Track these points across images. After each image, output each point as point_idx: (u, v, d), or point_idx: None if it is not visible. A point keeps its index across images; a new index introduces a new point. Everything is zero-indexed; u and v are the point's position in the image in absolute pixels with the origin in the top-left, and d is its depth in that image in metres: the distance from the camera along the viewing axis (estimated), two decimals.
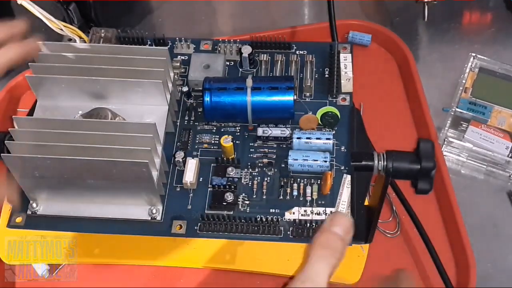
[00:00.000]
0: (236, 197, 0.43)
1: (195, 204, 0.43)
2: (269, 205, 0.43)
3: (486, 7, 0.73)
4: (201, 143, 0.46)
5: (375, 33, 0.69)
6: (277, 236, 0.43)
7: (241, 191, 0.44)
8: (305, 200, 0.44)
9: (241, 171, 0.44)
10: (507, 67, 0.64)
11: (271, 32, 0.70)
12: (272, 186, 0.44)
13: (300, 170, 0.43)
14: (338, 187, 0.42)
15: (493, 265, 0.56)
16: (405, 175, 0.39)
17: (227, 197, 0.42)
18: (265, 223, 0.40)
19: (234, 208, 0.42)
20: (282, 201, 0.44)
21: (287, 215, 0.43)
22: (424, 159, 0.37)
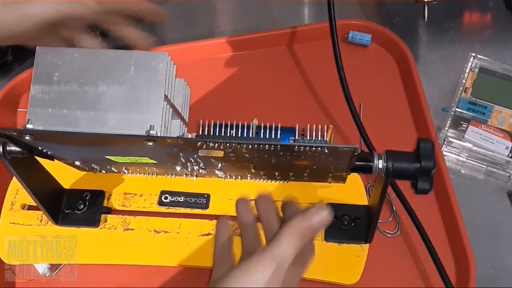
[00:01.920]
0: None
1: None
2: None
3: (486, 7, 0.73)
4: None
5: (375, 33, 0.69)
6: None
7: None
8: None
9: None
10: (507, 67, 0.63)
11: (271, 32, 0.70)
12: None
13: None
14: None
15: (493, 265, 0.56)
16: (405, 175, 0.39)
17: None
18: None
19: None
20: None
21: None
22: (424, 158, 0.37)
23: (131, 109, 0.39)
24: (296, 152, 0.37)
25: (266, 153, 0.37)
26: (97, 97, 0.40)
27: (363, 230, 0.54)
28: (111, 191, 0.58)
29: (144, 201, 0.57)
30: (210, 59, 0.70)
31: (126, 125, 0.39)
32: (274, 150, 0.36)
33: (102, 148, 0.41)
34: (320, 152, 0.36)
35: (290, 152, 0.37)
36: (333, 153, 0.37)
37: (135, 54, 0.41)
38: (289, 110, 0.65)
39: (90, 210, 0.56)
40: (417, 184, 0.38)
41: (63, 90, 0.40)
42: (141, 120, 0.38)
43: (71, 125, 0.39)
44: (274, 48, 0.70)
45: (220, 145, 0.37)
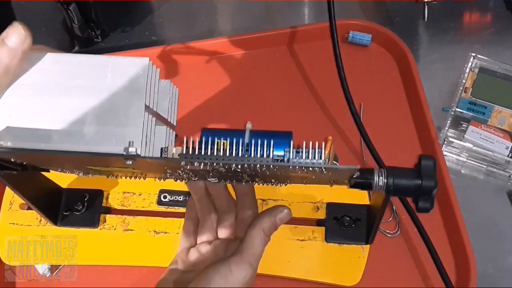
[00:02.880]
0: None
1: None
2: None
3: (486, 7, 0.73)
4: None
5: (375, 33, 0.69)
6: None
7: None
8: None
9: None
10: (507, 67, 0.63)
11: (271, 32, 0.70)
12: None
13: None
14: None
15: (493, 265, 0.56)
16: (406, 193, 0.38)
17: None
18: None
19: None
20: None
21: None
22: (425, 178, 0.36)
23: (108, 122, 0.35)
24: (291, 168, 0.35)
25: (259, 169, 0.36)
26: (71, 108, 0.35)
27: (363, 231, 0.54)
28: (110, 190, 0.58)
29: (143, 200, 0.57)
30: (210, 59, 0.70)
31: (103, 140, 0.34)
32: (267, 168, 0.35)
33: (80, 161, 0.38)
34: (318, 170, 0.35)
35: (285, 169, 0.36)
36: (332, 171, 0.36)
37: (112, 59, 0.37)
38: (289, 110, 0.65)
39: (89, 211, 0.56)
40: (418, 202, 0.37)
41: (34, 100, 0.35)
42: (120, 135, 0.34)
43: (43, 140, 0.34)
44: (274, 48, 0.70)
45: (206, 165, 0.35)
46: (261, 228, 0.42)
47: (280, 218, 0.43)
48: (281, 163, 0.36)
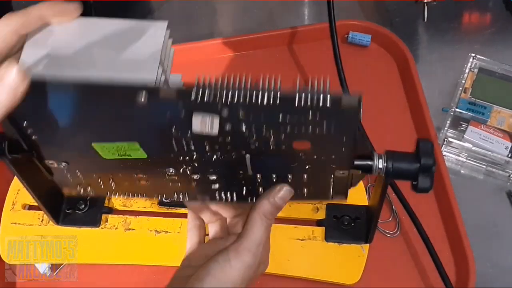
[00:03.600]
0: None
1: None
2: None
3: (485, 8, 0.74)
4: None
5: (375, 33, 0.69)
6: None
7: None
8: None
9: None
10: (506, 67, 0.64)
11: (271, 32, 0.70)
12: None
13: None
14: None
15: (493, 265, 0.56)
16: (405, 175, 0.39)
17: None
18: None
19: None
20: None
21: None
22: (424, 156, 0.37)
23: (124, 70, 0.37)
24: (296, 111, 0.34)
25: (263, 115, 0.35)
26: (90, 60, 0.38)
27: (363, 230, 0.54)
28: None
29: (145, 201, 0.57)
30: (210, 59, 0.70)
31: (121, 74, 0.37)
32: (272, 112, 0.34)
33: (89, 122, 0.38)
34: (320, 116, 0.34)
35: (290, 111, 0.35)
36: (335, 116, 0.35)
37: (131, 22, 0.39)
38: None
39: (91, 210, 0.56)
40: (417, 182, 0.38)
41: (56, 55, 0.37)
42: (135, 80, 0.36)
43: (66, 68, 0.37)
44: (274, 48, 0.70)
45: (215, 99, 0.34)
46: (261, 211, 0.40)
47: (280, 197, 0.40)
48: (288, 94, 0.35)
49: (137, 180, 0.42)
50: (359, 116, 0.34)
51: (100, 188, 0.43)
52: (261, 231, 0.39)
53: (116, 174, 0.42)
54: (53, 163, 0.42)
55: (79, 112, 0.37)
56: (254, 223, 0.39)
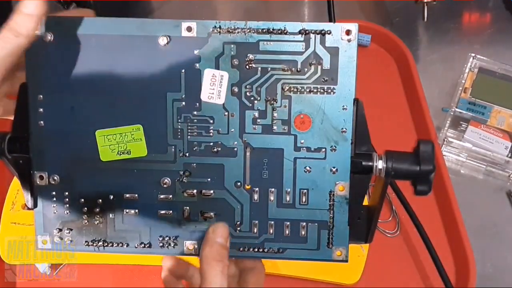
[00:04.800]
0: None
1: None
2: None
3: (485, 8, 0.74)
4: None
5: (375, 33, 0.69)
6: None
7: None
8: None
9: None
10: (506, 67, 0.64)
11: None
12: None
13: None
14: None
15: (493, 265, 0.56)
16: (405, 175, 0.39)
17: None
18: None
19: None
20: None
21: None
22: (424, 162, 0.37)
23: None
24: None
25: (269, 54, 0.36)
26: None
27: (363, 230, 0.54)
28: None
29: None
30: None
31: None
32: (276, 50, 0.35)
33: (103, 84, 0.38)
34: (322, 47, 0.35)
35: (295, 40, 0.36)
36: (335, 50, 0.36)
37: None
38: None
39: None
40: (416, 185, 0.38)
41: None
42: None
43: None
44: None
45: (234, 26, 0.35)
46: (207, 258, 0.36)
47: (221, 236, 0.37)
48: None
49: (126, 208, 0.39)
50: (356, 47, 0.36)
51: (82, 228, 0.40)
52: (218, 277, 0.35)
53: (105, 197, 0.39)
54: (44, 179, 0.40)
55: (96, 64, 0.37)
56: (208, 273, 0.36)
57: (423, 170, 0.37)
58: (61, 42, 0.37)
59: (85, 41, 0.37)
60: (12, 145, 0.41)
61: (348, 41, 0.36)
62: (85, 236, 0.40)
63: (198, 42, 0.36)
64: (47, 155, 0.40)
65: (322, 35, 0.36)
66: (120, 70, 0.37)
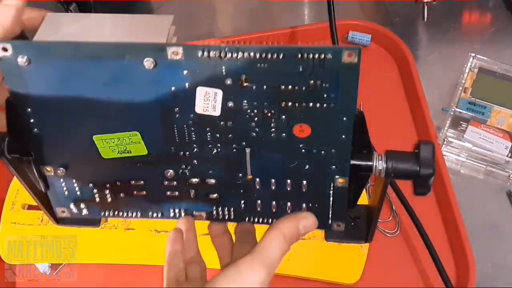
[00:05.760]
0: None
1: None
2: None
3: (485, 7, 0.74)
4: None
5: (375, 33, 0.69)
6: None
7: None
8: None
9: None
10: (506, 67, 0.64)
11: (271, 32, 0.70)
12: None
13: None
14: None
15: (493, 265, 0.56)
16: (405, 176, 0.39)
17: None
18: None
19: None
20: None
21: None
22: (424, 165, 0.37)
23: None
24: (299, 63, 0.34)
25: (265, 78, 0.35)
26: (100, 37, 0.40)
27: (363, 229, 0.54)
28: None
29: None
30: None
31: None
32: (272, 74, 0.34)
33: (91, 103, 0.38)
34: (321, 73, 0.34)
35: (291, 63, 0.34)
36: (335, 73, 0.34)
37: (137, 16, 0.42)
38: None
39: None
40: (416, 187, 0.38)
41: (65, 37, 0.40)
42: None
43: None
44: None
45: (224, 51, 0.34)
46: (281, 232, 0.35)
47: (304, 225, 0.36)
48: (291, 46, 0.35)
49: (134, 190, 0.41)
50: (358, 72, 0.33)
51: (95, 203, 0.42)
52: (278, 253, 0.35)
53: (113, 183, 0.41)
54: (50, 170, 0.41)
55: (82, 86, 0.36)
56: (272, 240, 0.35)
57: (423, 173, 0.37)
58: (39, 67, 0.36)
59: (63, 67, 0.36)
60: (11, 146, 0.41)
61: (350, 64, 0.34)
62: (99, 207, 0.42)
63: (186, 65, 0.35)
64: (47, 155, 0.40)
65: (321, 59, 0.34)
66: (108, 93, 0.36)
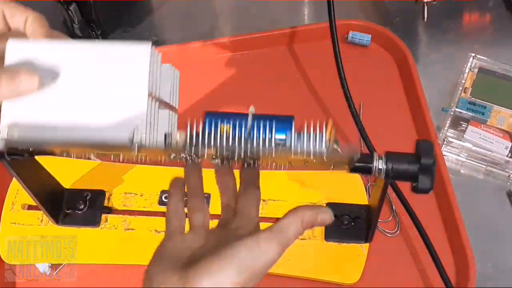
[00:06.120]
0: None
1: None
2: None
3: (485, 7, 0.73)
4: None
5: (375, 33, 0.69)
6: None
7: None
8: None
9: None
10: (506, 67, 0.64)
11: (271, 32, 0.70)
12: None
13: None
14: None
15: (493, 265, 0.56)
16: (405, 176, 0.39)
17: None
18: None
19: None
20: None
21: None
22: (424, 156, 0.37)
23: (112, 109, 0.36)
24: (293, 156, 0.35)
25: (261, 155, 0.36)
26: (74, 97, 0.36)
27: (363, 229, 0.54)
28: (112, 190, 0.58)
29: (145, 200, 0.57)
30: (210, 59, 0.70)
31: (108, 128, 0.36)
32: (270, 153, 0.35)
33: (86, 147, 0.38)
34: (317, 156, 0.35)
35: (287, 153, 0.36)
36: (332, 158, 0.36)
37: (114, 46, 0.37)
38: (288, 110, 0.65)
39: (91, 210, 0.56)
40: (418, 183, 0.38)
41: (38, 92, 0.36)
42: (124, 121, 0.36)
43: (49, 131, 0.36)
44: (274, 48, 0.70)
45: (210, 155, 0.35)
46: (301, 217, 0.37)
47: (322, 218, 0.38)
48: (283, 149, 0.36)
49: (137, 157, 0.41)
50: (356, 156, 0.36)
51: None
52: (294, 235, 0.37)
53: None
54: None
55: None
56: (291, 223, 0.37)
57: (424, 164, 0.37)
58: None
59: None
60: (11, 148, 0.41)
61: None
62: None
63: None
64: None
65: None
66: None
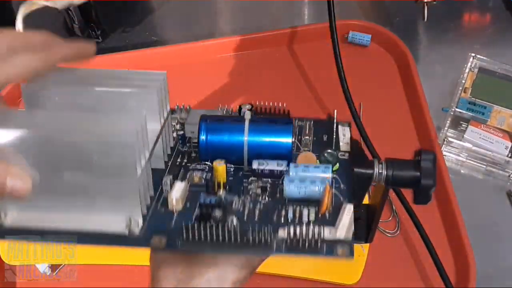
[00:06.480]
0: (225, 215, 0.39)
1: (179, 223, 0.39)
2: (261, 224, 0.39)
3: (485, 7, 0.74)
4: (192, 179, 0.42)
5: (375, 33, 0.69)
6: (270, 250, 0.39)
7: (231, 213, 0.40)
8: (301, 222, 0.39)
9: (233, 196, 0.40)
10: (506, 67, 0.64)
11: (271, 32, 0.70)
12: (266, 211, 0.40)
13: (296, 193, 0.39)
14: (337, 214, 0.39)
15: (493, 265, 0.56)
16: (405, 184, 0.39)
17: (216, 213, 0.38)
18: (256, 237, 0.37)
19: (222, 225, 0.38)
20: (275, 222, 0.40)
21: (281, 232, 0.38)
22: (424, 176, 0.37)
23: (104, 201, 0.36)
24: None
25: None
26: (66, 190, 0.36)
27: (363, 229, 0.54)
28: None
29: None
30: (210, 59, 0.70)
31: (103, 221, 0.36)
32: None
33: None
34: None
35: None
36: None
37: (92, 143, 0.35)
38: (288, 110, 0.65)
39: None
40: (416, 196, 0.38)
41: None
42: (118, 213, 0.37)
43: (44, 220, 0.36)
44: (274, 48, 0.70)
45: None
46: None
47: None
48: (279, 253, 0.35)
49: None
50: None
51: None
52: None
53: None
54: None
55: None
56: None
57: (424, 184, 0.37)
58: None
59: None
60: None
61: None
62: None
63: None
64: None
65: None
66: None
